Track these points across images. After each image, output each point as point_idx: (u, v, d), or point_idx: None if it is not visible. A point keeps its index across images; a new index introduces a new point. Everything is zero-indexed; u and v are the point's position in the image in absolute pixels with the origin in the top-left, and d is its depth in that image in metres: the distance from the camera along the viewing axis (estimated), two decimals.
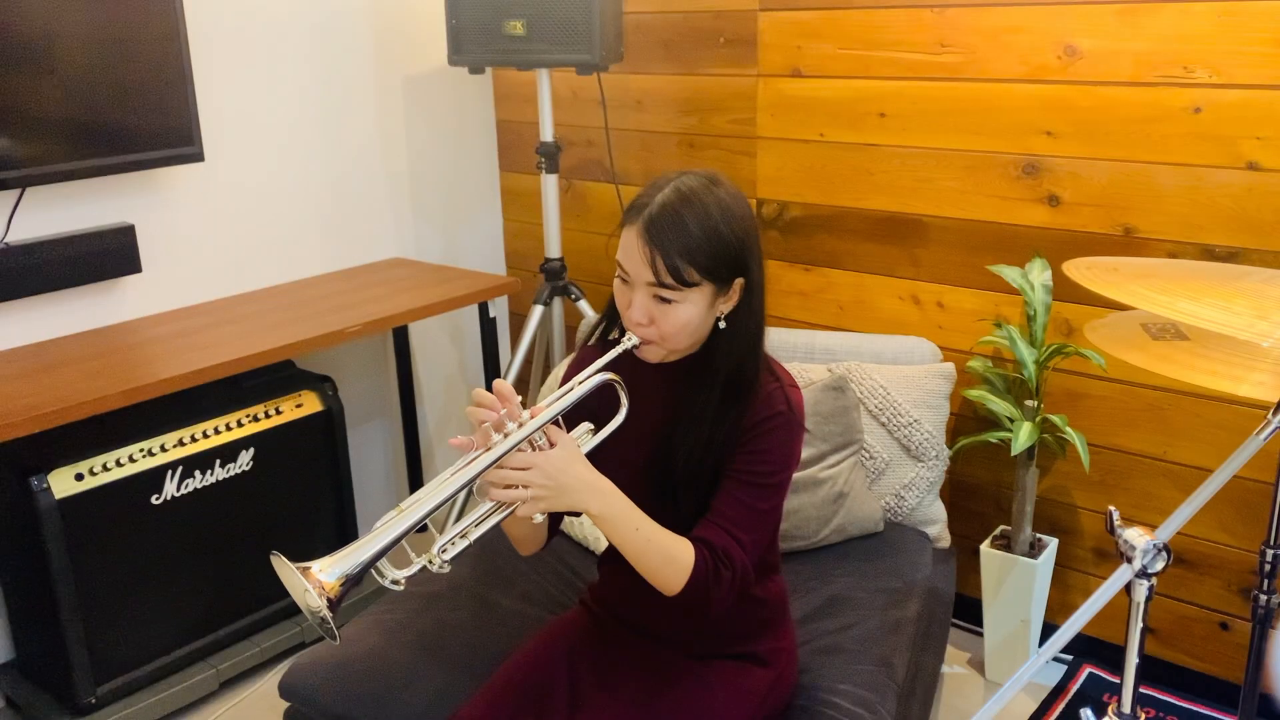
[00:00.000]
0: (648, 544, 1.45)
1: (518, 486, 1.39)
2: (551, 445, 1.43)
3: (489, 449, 1.38)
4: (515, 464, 1.39)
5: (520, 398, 1.43)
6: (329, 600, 1.26)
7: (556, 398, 1.46)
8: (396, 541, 1.32)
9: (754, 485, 1.51)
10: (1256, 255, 2.19)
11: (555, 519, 1.66)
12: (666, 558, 1.45)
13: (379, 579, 1.35)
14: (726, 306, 1.52)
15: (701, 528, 1.50)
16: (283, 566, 1.28)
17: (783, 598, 1.74)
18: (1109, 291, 1.47)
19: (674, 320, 1.47)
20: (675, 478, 1.54)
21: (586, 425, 1.55)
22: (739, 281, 1.50)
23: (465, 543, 1.39)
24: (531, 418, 1.42)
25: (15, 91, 2.22)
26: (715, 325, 1.52)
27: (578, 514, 1.66)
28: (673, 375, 1.58)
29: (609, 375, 1.50)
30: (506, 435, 1.39)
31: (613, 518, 1.44)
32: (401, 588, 1.35)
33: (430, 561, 1.37)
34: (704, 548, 1.47)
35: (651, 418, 1.58)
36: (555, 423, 1.46)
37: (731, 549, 1.48)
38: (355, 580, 1.29)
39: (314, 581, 1.26)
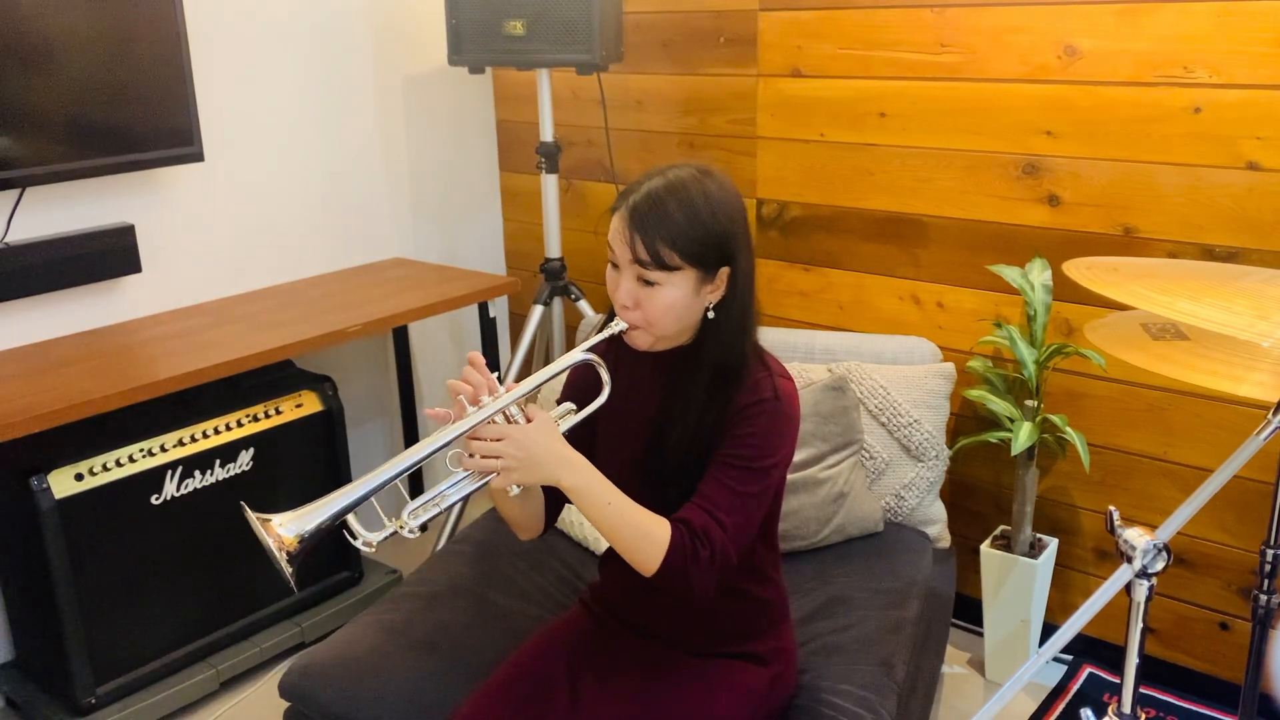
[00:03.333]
0: (621, 518, 1.46)
1: (490, 458, 1.41)
2: (529, 421, 1.46)
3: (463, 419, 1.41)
4: (489, 434, 1.42)
5: (497, 373, 1.47)
6: (287, 554, 1.31)
7: (535, 375, 1.49)
8: (357, 503, 1.36)
9: (736, 468, 1.52)
10: (1256, 255, 2.19)
11: (553, 506, 1.66)
12: (641, 534, 1.46)
13: (351, 540, 1.38)
14: (714, 296, 1.53)
15: (684, 509, 1.51)
16: (249, 518, 1.33)
17: (783, 598, 1.74)
18: (1109, 291, 1.47)
19: (658, 303, 1.49)
20: (666, 466, 1.55)
21: (569, 405, 1.57)
22: (725, 271, 1.52)
23: (437, 510, 1.43)
24: (508, 392, 1.44)
25: (15, 91, 2.22)
26: (705, 315, 1.54)
27: (562, 505, 1.67)
28: (665, 366, 1.59)
29: (589, 355, 1.53)
30: (481, 407, 1.42)
31: (585, 491, 1.46)
32: (373, 550, 1.39)
33: (401, 526, 1.40)
34: (682, 526, 1.47)
35: (645, 409, 1.60)
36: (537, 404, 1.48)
37: (711, 529, 1.48)
38: (314, 538, 1.33)
39: (273, 534, 1.31)
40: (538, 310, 3.00)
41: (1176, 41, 2.18)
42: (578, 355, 1.53)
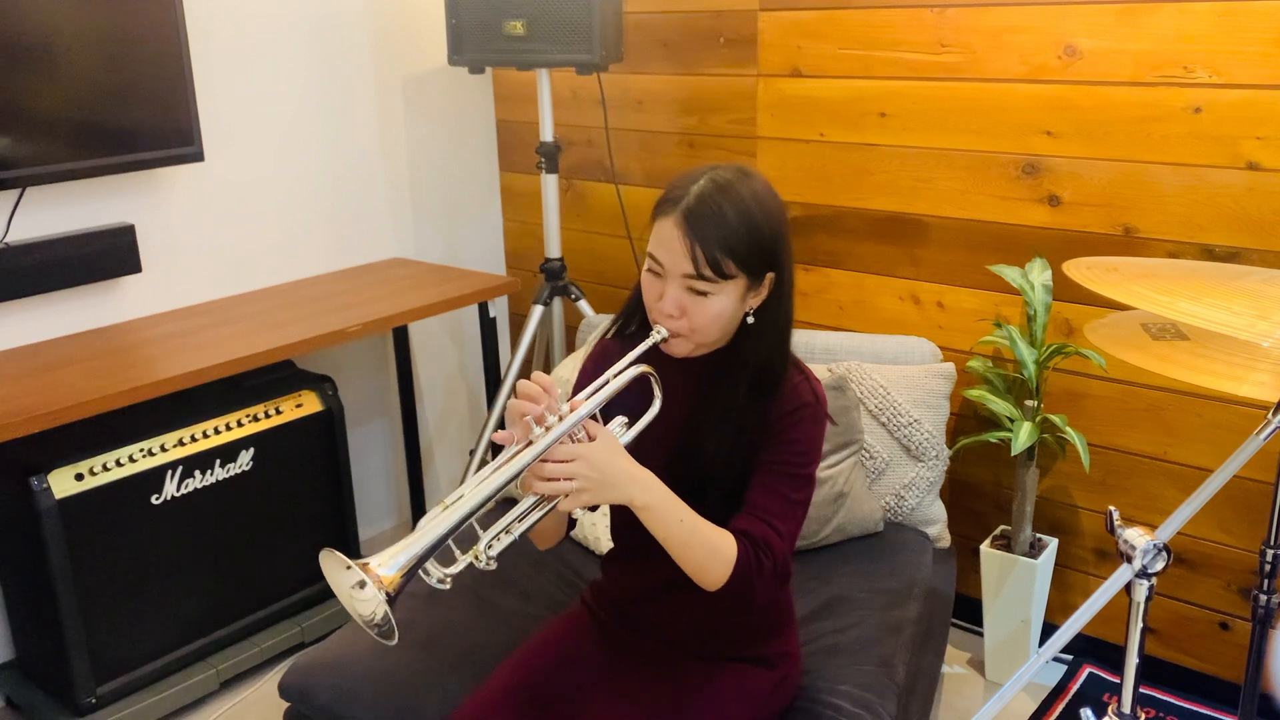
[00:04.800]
0: (692, 535, 1.43)
1: (561, 480, 1.37)
2: (591, 439, 1.41)
3: (531, 442, 1.36)
4: (559, 456, 1.37)
5: (559, 390, 1.41)
6: (388, 595, 1.20)
7: (594, 390, 1.44)
8: (454, 531, 1.28)
9: (787, 475, 1.51)
10: (1256, 255, 2.19)
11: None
12: (710, 549, 1.43)
13: (425, 578, 1.31)
14: (756, 301, 1.51)
15: (739, 520, 1.49)
16: (335, 561, 1.22)
17: (789, 601, 1.74)
18: (1109, 291, 1.47)
19: (706, 312, 1.46)
20: (704, 474, 1.52)
21: (621, 419, 1.52)
22: (770, 276, 1.50)
23: (510, 539, 1.37)
24: (571, 410, 1.40)
25: (15, 91, 2.22)
26: (742, 321, 1.52)
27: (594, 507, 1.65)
28: (694, 371, 1.57)
29: (645, 367, 1.49)
30: (548, 429, 1.37)
31: (657, 509, 1.42)
32: (448, 586, 1.31)
33: (477, 558, 1.34)
34: (745, 539, 1.46)
35: (673, 415, 1.56)
36: (592, 417, 1.44)
37: (771, 539, 1.47)
38: (412, 574, 1.24)
39: (373, 576, 1.20)
40: (538, 310, 3.00)
41: (1176, 41, 2.18)
42: (636, 369, 1.47)
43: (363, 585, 1.21)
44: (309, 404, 2.64)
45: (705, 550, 1.43)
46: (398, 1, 3.09)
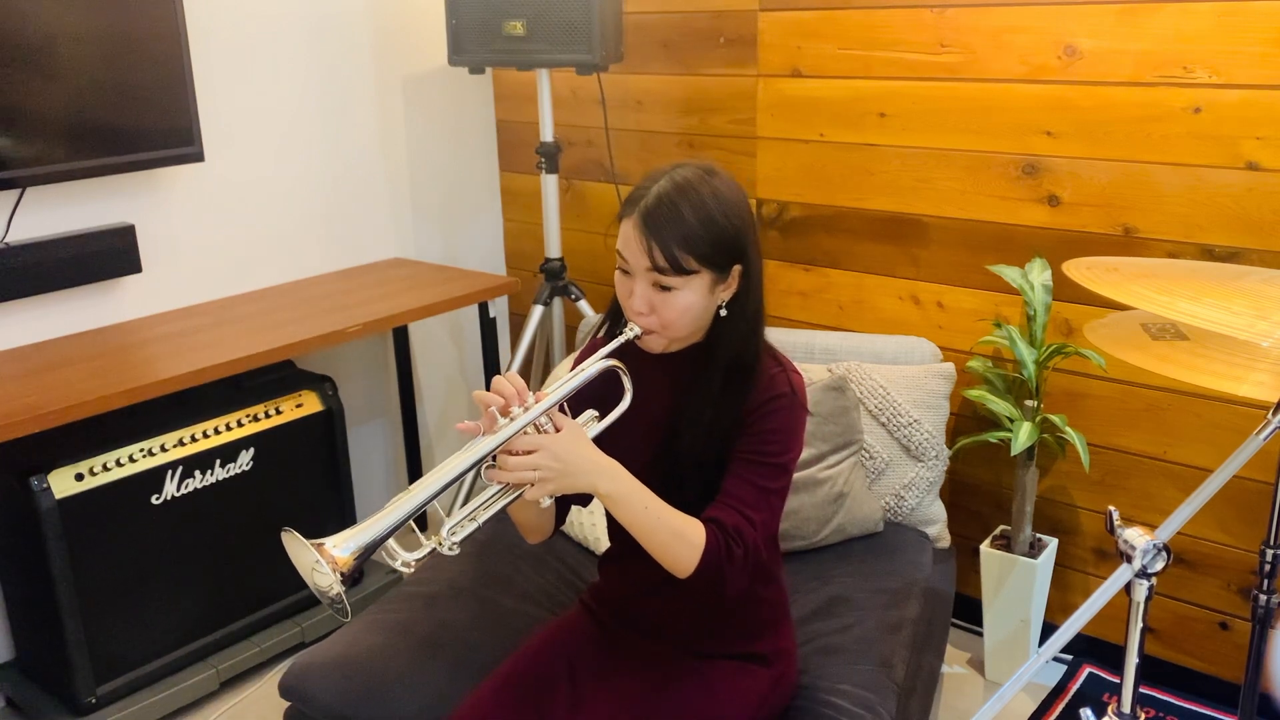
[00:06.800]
0: (658, 522, 1.45)
1: (523, 470, 1.40)
2: (558, 430, 1.44)
3: (496, 432, 1.40)
4: (522, 446, 1.40)
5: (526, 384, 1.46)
6: (342, 575, 1.27)
7: (561, 383, 1.47)
8: (407, 518, 1.33)
9: (761, 465, 1.52)
10: (1256, 255, 2.19)
11: (562, 507, 1.66)
12: (677, 536, 1.45)
13: (389, 561, 1.35)
14: (726, 294, 1.53)
15: (712, 508, 1.50)
16: (294, 542, 1.28)
17: (784, 598, 1.74)
18: (1109, 291, 1.47)
19: (674, 307, 1.48)
20: (682, 466, 1.54)
21: (591, 412, 1.56)
22: (737, 268, 1.52)
23: (474, 525, 1.41)
24: (536, 402, 1.43)
25: (16, 91, 2.22)
26: (716, 313, 1.54)
27: (585, 502, 1.67)
28: (675, 366, 1.59)
29: (613, 361, 1.52)
30: (512, 419, 1.40)
31: (621, 497, 1.45)
32: (411, 570, 1.35)
33: (440, 544, 1.38)
34: (715, 526, 1.47)
35: (656, 411, 1.59)
36: (561, 410, 1.47)
37: (743, 527, 1.48)
38: (367, 556, 1.30)
39: (327, 557, 1.27)
40: (538, 310, 3.00)
41: (1176, 41, 2.18)
42: (604, 364, 1.51)
43: (320, 564, 1.27)
44: (309, 404, 2.64)
45: (671, 535, 1.45)
46: (398, 1, 3.10)
